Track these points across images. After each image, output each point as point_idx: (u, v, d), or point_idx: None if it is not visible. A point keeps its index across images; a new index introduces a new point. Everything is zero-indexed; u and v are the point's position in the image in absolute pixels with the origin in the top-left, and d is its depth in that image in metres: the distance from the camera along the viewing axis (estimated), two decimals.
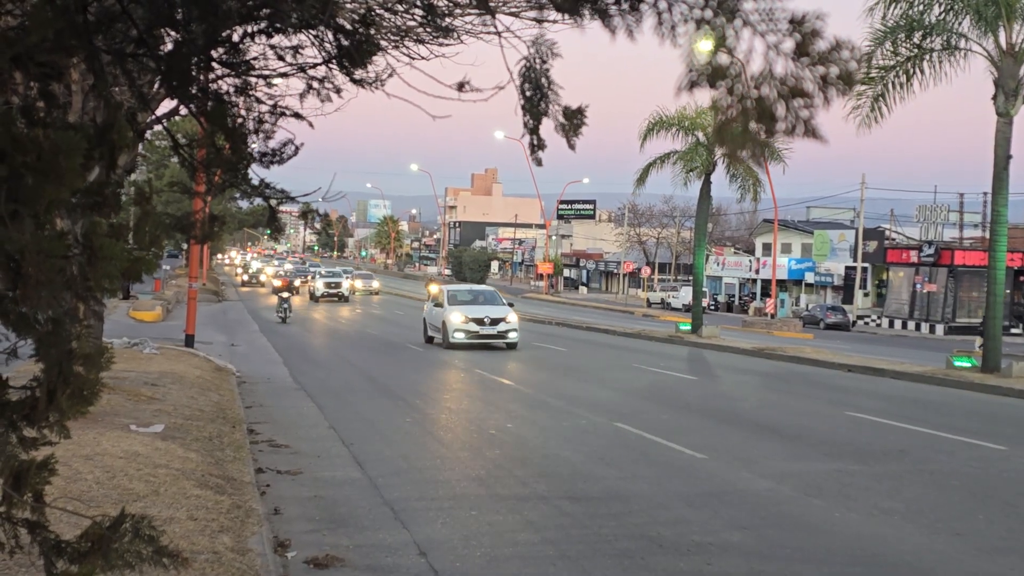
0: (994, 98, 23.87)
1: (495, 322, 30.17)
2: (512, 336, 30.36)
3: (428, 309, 33.41)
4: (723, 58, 3.25)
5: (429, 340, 32.23)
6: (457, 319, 30.12)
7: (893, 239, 71.07)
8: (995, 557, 8.50)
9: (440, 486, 11.12)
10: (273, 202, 3.46)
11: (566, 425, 15.81)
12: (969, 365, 24.39)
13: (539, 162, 4.03)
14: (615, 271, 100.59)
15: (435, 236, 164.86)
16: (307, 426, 15.14)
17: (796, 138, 3.41)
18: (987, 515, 9.99)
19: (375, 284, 79.59)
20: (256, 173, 3.29)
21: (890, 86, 24.64)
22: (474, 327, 29.87)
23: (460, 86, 3.78)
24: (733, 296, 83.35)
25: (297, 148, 3.35)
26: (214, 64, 3.24)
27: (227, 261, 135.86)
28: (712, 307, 75.08)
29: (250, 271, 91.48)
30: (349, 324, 44.30)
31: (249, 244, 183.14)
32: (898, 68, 24.53)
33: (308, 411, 16.77)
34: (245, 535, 7.93)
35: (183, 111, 7.56)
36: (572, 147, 3.91)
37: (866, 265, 69.19)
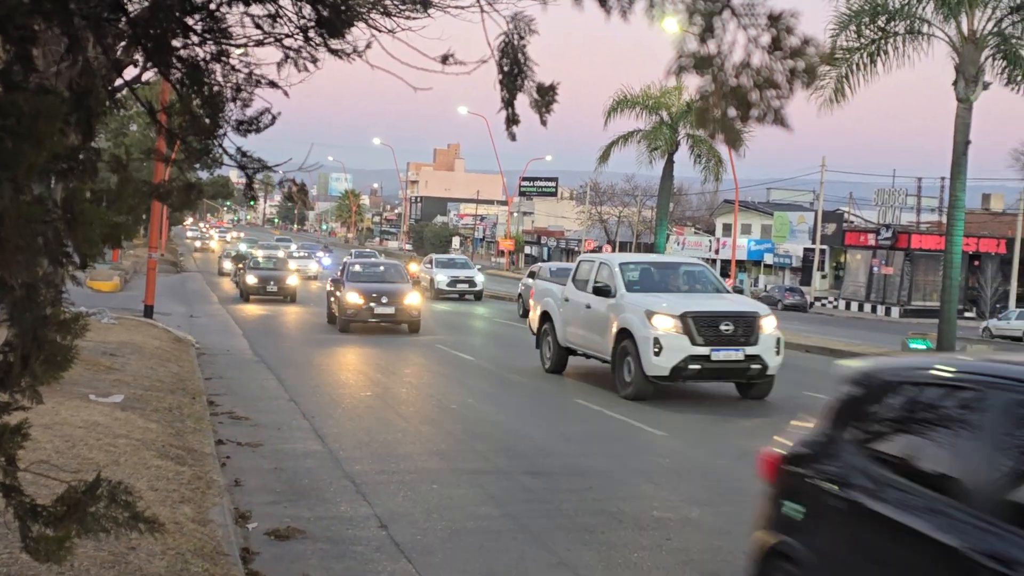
0: (954, 84, 24.11)
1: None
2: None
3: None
4: (711, 47, 3.38)
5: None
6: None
7: (851, 222, 71.77)
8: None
9: (401, 460, 11.14)
10: (250, 171, 3.45)
11: (527, 401, 15.87)
12: (924, 347, 24.73)
13: (513, 137, 4.06)
14: (576, 249, 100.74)
15: (396, 211, 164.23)
16: (268, 398, 15.10)
17: (766, 124, 3.55)
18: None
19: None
20: (232, 142, 3.28)
21: (854, 68, 24.82)
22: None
23: (444, 59, 3.78)
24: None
25: (274, 117, 3.34)
26: (190, 31, 3.22)
27: (192, 234, 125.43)
28: None
29: (236, 255, 53.45)
30: (309, 297, 44.12)
31: (208, 216, 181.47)
32: (862, 51, 24.72)
33: (269, 384, 16.72)
34: (206, 506, 7.93)
35: (146, 77, 7.47)
36: (544, 123, 3.95)
37: (824, 247, 69.83)
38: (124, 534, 3.27)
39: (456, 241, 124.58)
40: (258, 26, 3.40)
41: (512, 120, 3.98)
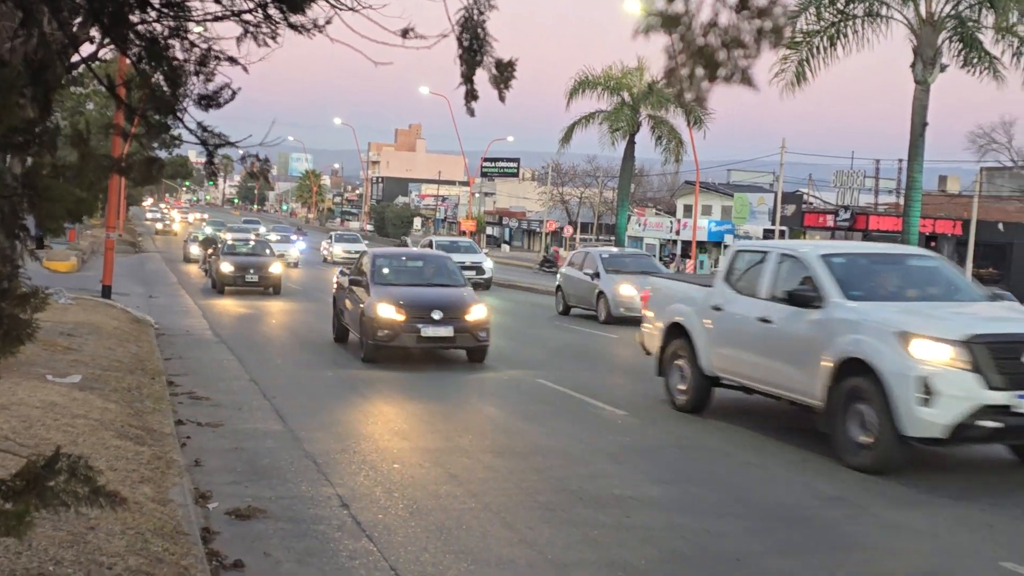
0: (912, 66, 24.35)
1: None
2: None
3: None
4: (678, 6, 3.40)
5: None
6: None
7: (811, 203, 72.27)
8: (904, 510, 8.79)
9: (363, 439, 11.14)
10: (211, 147, 3.43)
11: (488, 380, 15.90)
12: None
13: (472, 112, 4.08)
14: (538, 230, 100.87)
15: (358, 191, 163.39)
16: (228, 378, 15.02)
17: (734, 84, 3.56)
18: (899, 471, 10.30)
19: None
20: (193, 117, 3.25)
21: (814, 51, 24.99)
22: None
23: (404, 33, 3.77)
24: (654, 257, 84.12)
25: (234, 92, 3.32)
26: (148, 6, 3.18)
27: (152, 215, 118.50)
28: None
29: (205, 239, 47.44)
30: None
31: (167, 196, 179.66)
32: (822, 33, 24.89)
33: (229, 364, 16.63)
34: (166, 486, 7.90)
35: (102, 54, 7.39)
36: (503, 99, 3.96)
37: (784, 228, 70.19)
38: (84, 510, 3.26)
39: (418, 222, 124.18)
40: (217, 1, 3.38)
41: (471, 95, 3.99)
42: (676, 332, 13.65)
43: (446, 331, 16.60)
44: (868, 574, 7.07)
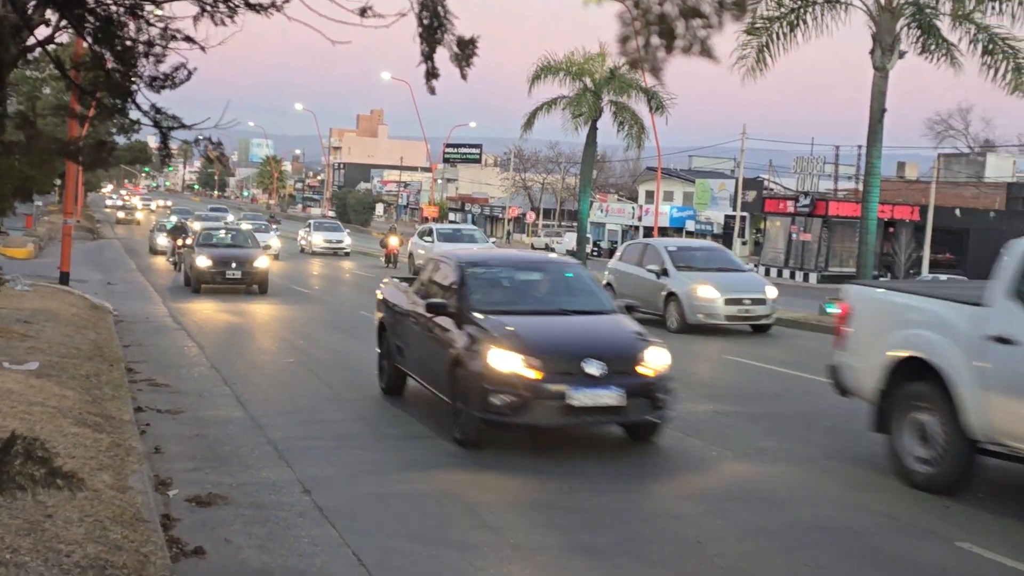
0: (871, 52, 24.51)
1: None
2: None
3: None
4: None
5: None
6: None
7: (771, 189, 72.78)
8: (861, 492, 8.89)
9: (325, 425, 11.09)
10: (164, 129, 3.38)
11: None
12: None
13: (432, 91, 4.05)
14: (500, 216, 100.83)
15: (319, 177, 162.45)
16: (188, 365, 14.91)
17: (693, 56, 3.47)
18: (855, 453, 10.42)
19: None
20: (147, 98, 3.20)
21: (774, 37, 25.10)
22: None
23: (362, 11, 3.74)
24: (616, 243, 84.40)
25: (190, 72, 3.27)
26: None
27: (113, 202, 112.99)
28: (595, 253, 75.93)
29: (173, 228, 40.16)
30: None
31: (126, 181, 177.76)
32: (782, 20, 24.99)
33: (189, 350, 16.50)
34: (125, 473, 7.83)
35: (59, 38, 7.28)
36: (464, 77, 3.94)
37: (745, 214, 70.74)
38: (42, 494, 3.22)
39: (380, 208, 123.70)
40: None
41: (432, 74, 3.96)
42: (914, 371, 9.36)
43: (610, 396, 9.74)
44: (824, 556, 7.14)
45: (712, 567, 6.79)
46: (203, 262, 26.49)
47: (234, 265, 26.62)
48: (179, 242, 34.71)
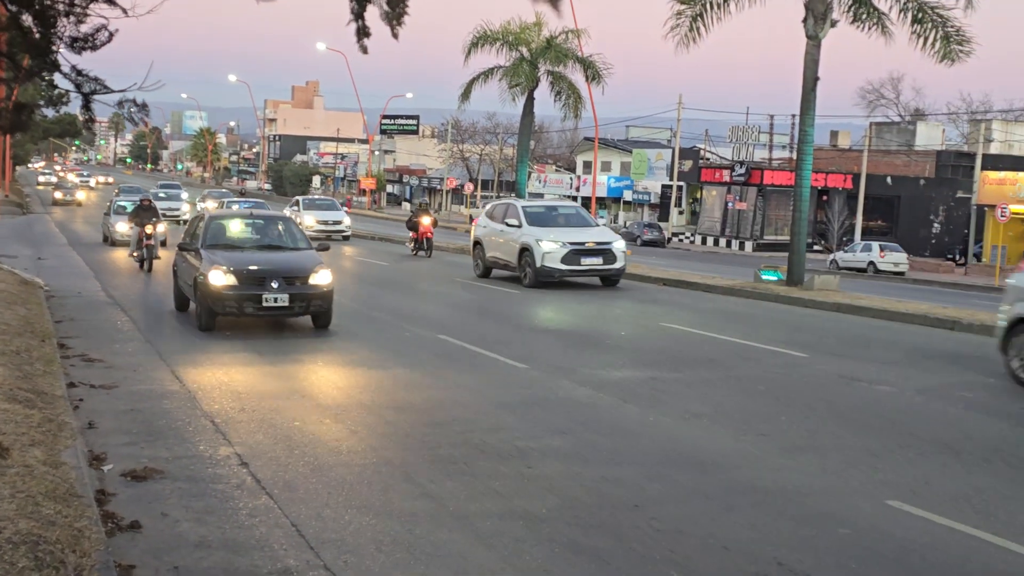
0: (804, 21, 24.69)
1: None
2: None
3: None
4: None
5: None
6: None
7: (707, 159, 73.31)
8: (795, 455, 9.04)
9: (262, 398, 11.01)
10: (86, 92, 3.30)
11: (389, 337, 15.84)
12: (775, 279, 25.57)
13: (364, 50, 4.01)
14: (438, 187, 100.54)
15: (255, 150, 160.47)
16: (122, 340, 14.70)
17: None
18: (789, 417, 10.58)
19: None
20: (67, 60, 3.13)
21: (707, 6, 25.18)
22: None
23: None
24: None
25: (111, 34, 3.19)
26: None
27: (47, 178, 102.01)
28: None
29: (138, 209, 28.03)
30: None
31: (56, 155, 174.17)
32: None
33: (123, 325, 16.27)
34: (58, 449, 7.72)
35: None
36: (395, 36, 3.90)
37: (681, 184, 71.24)
38: None
39: (317, 180, 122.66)
40: None
41: (362, 32, 3.92)
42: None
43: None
44: (759, 516, 7.25)
45: (650, 529, 6.87)
46: (220, 278, 15.54)
47: (275, 284, 15.55)
48: (146, 229, 25.79)
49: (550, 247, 23.61)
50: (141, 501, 7.22)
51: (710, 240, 66.44)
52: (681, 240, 68.24)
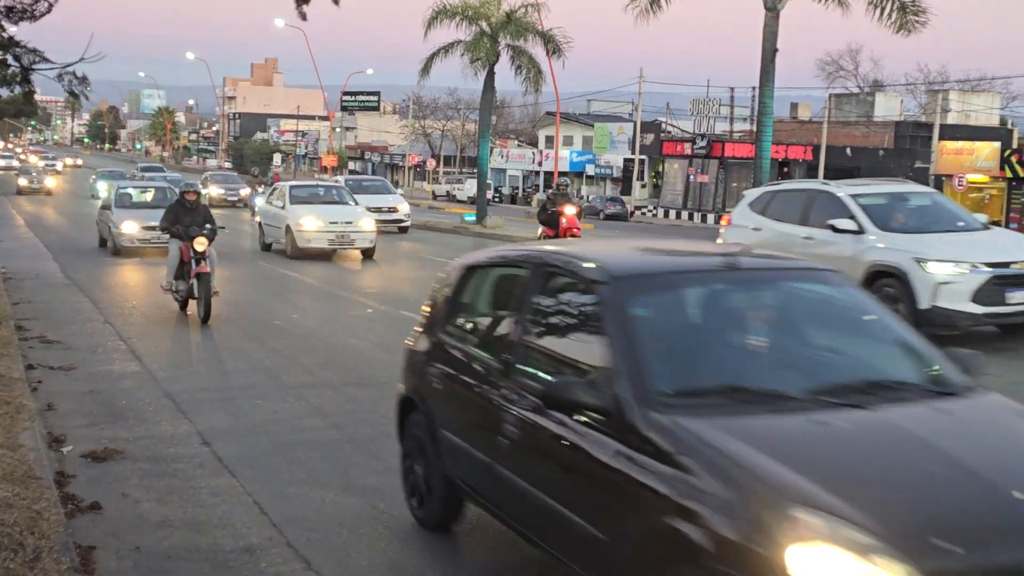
0: None
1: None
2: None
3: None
4: None
5: None
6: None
7: (669, 132, 73.38)
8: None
9: (225, 377, 10.96)
10: (26, 63, 3.24)
11: (353, 315, 15.79)
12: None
13: (304, 16, 4.00)
14: (400, 164, 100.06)
15: (214, 128, 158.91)
16: (81, 321, 14.55)
17: None
18: None
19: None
20: (4, 31, 3.05)
21: None
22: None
23: None
24: (517, 188, 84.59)
25: (51, 5, 3.12)
26: None
27: (7, 161, 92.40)
28: (497, 199, 75.98)
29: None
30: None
31: (11, 136, 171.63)
32: None
33: (82, 306, 16.09)
34: (16, 431, 7.64)
35: None
36: (336, 1, 3.86)
37: (644, 157, 71.29)
38: None
39: (278, 158, 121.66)
40: None
41: None
42: None
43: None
44: None
45: None
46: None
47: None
48: (196, 244, 14.76)
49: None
50: (101, 482, 7.17)
51: (672, 213, 66.64)
52: (644, 213, 68.39)
